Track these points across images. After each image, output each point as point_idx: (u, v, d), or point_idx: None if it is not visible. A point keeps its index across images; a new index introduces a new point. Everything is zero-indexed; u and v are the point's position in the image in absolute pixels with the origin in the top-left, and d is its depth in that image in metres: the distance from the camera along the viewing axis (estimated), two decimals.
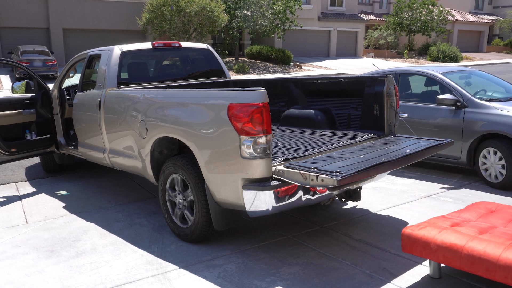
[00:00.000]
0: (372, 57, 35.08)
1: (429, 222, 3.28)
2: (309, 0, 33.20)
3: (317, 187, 3.46)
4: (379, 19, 39.55)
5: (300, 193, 3.47)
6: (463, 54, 36.03)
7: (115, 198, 5.40)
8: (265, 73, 24.28)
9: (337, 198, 4.05)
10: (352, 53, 36.67)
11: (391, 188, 5.50)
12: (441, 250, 2.94)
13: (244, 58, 28.82)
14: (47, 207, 5.12)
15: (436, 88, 6.32)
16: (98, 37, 25.30)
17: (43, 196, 5.56)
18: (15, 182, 6.21)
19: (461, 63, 31.68)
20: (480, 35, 45.11)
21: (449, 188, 5.48)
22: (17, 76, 17.87)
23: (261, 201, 3.27)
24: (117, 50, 4.98)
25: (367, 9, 41.43)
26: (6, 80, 19.66)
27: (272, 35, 27.11)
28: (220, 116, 3.39)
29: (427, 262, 3.49)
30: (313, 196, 3.59)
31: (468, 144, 5.60)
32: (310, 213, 4.68)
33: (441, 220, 3.31)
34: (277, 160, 3.46)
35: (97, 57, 5.32)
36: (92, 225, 4.54)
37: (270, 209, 3.30)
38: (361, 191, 4.09)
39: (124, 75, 5.02)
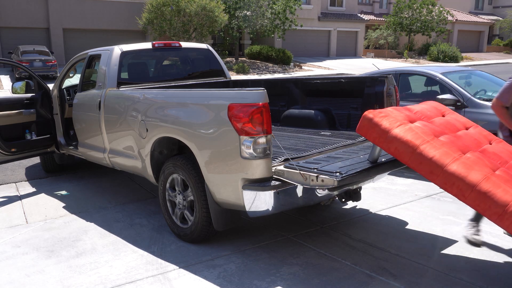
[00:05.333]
0: (372, 57, 35.09)
1: (390, 112, 3.30)
2: (309, 0, 33.21)
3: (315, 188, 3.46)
4: (379, 19, 39.56)
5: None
6: (463, 54, 36.04)
7: (115, 198, 5.40)
8: (265, 73, 24.29)
9: (337, 198, 4.05)
10: (352, 53, 36.68)
11: (391, 188, 5.50)
12: (396, 142, 3.07)
13: (244, 58, 28.83)
14: (47, 207, 5.13)
15: (436, 88, 6.32)
16: (98, 37, 25.32)
17: (43, 196, 5.56)
18: (15, 182, 6.21)
19: (461, 63, 31.68)
20: (480, 35, 45.13)
21: None
22: (17, 76, 17.89)
23: (261, 201, 3.27)
24: (117, 50, 4.98)
25: (367, 9, 41.45)
26: (6, 80, 19.66)
27: (272, 35, 27.12)
28: (220, 116, 3.39)
29: (427, 262, 3.50)
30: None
31: None
32: (310, 213, 4.68)
33: (401, 112, 3.37)
34: (277, 160, 3.45)
35: (97, 57, 5.32)
36: (92, 225, 4.55)
37: (270, 209, 3.30)
38: (361, 191, 4.09)
39: (124, 75, 5.01)
